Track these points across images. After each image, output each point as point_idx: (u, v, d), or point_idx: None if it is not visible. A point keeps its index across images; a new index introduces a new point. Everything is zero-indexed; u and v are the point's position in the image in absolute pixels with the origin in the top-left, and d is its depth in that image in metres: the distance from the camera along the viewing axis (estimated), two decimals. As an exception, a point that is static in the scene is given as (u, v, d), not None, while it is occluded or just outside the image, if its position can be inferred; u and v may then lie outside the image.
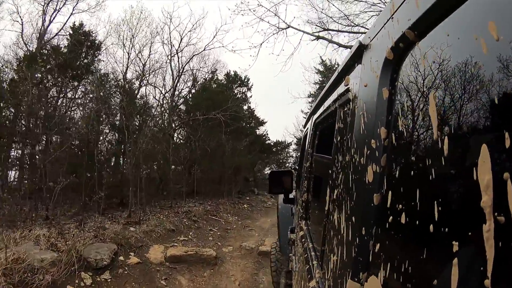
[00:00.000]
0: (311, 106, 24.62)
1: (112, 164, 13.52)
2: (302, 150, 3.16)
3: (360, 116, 0.82)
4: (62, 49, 11.84)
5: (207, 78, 18.62)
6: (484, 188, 0.35)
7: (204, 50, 17.48)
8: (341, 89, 1.13)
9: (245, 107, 22.77)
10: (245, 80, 24.02)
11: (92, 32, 13.03)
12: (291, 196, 3.77)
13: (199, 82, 18.30)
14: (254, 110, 23.98)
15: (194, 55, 16.90)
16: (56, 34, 13.14)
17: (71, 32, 12.59)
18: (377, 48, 0.77)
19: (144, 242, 8.03)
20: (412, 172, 0.56)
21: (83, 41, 12.44)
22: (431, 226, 0.47)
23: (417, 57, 0.58)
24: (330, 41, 11.11)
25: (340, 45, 11.20)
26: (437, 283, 0.45)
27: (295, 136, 25.69)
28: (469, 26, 0.44)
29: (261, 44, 11.37)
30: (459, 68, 0.47)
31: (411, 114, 0.60)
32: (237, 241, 10.02)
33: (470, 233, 0.38)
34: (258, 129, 24.07)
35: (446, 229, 0.44)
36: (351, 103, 0.95)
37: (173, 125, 16.43)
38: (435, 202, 0.47)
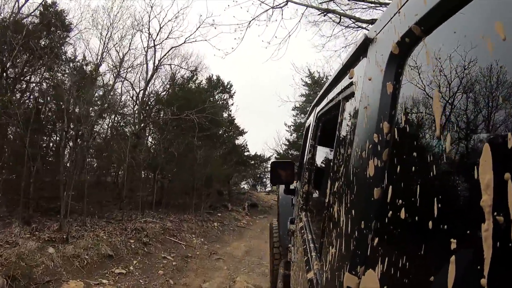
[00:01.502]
0: (294, 120, 22.27)
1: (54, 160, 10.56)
2: (304, 142, 3.03)
3: (364, 109, 0.79)
4: (29, 27, 9.65)
5: (186, 78, 16.47)
6: (485, 187, 0.34)
7: (184, 42, 15.18)
8: (345, 82, 1.10)
9: (225, 115, 20.25)
10: (228, 86, 21.68)
11: (64, 11, 11.31)
12: (292, 187, 3.57)
13: (177, 81, 16.18)
14: (234, 118, 21.28)
15: (173, 47, 14.98)
16: (28, 16, 11.16)
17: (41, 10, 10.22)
18: (382, 42, 0.75)
19: (57, 275, 5.42)
20: (413, 168, 0.55)
21: (53, 21, 10.56)
22: (430, 223, 0.45)
23: (422, 52, 0.56)
24: (344, 15, 8.41)
25: (357, 20, 8.36)
26: (434, 280, 0.44)
27: (276, 151, 24.12)
28: (475, 25, 0.42)
29: (249, 22, 8.80)
30: (464, 66, 0.45)
31: (415, 110, 0.58)
32: (198, 277, 7.21)
33: (468, 232, 0.37)
34: (237, 139, 21.43)
35: (445, 227, 0.43)
36: (355, 96, 0.92)
37: (141, 124, 13.80)
38: (435, 199, 0.45)
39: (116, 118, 13.21)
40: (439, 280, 0.41)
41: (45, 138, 10.36)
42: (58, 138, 9.75)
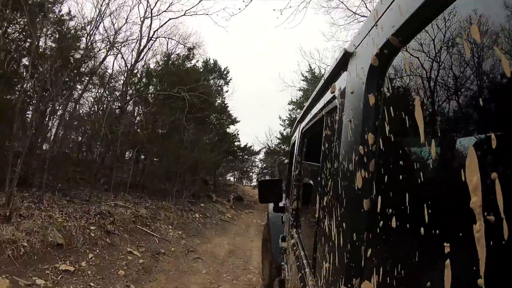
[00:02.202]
0: (289, 114, 21.44)
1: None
2: (291, 158, 3.00)
3: (347, 122, 0.79)
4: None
5: (182, 56, 14.50)
6: (473, 189, 0.35)
7: (184, 15, 13.19)
8: (327, 96, 1.11)
9: (219, 101, 18.86)
10: (224, 72, 20.61)
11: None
12: (281, 204, 3.47)
13: (172, 58, 14.13)
14: (228, 106, 20.04)
15: (171, 19, 13.08)
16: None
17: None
18: (362, 55, 0.75)
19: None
20: (401, 176, 0.55)
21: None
22: (422, 229, 0.45)
23: (401, 63, 0.57)
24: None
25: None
26: (431, 285, 0.44)
27: (268, 145, 23.30)
28: (452, 31, 0.43)
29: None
30: (443, 72, 0.46)
31: (398, 119, 0.57)
32: (169, 283, 5.47)
33: (461, 234, 0.37)
34: (229, 127, 20.23)
35: (437, 231, 0.42)
36: (338, 110, 0.92)
37: (127, 97, 12.09)
38: (425, 205, 0.45)
39: (104, 93, 12.08)
40: (437, 285, 0.40)
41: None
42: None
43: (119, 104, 11.87)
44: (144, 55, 12.07)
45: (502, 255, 0.31)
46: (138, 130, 10.43)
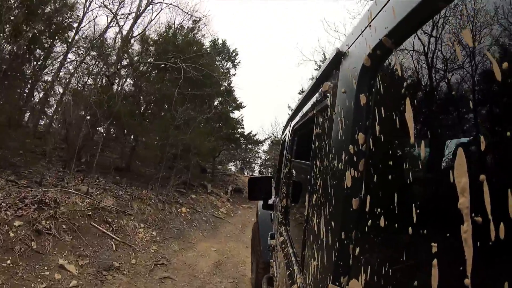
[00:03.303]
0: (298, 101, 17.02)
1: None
2: (281, 156, 3.00)
3: (338, 122, 0.80)
4: None
5: (187, 28, 12.09)
6: (461, 190, 0.36)
7: None
8: (319, 95, 1.10)
9: (225, 84, 15.99)
10: (233, 54, 17.90)
11: None
12: (270, 202, 3.39)
13: (173, 28, 11.51)
14: (234, 90, 17.46)
15: None
16: None
17: None
18: (354, 55, 0.75)
19: None
20: (390, 176, 0.56)
21: None
22: (410, 229, 0.45)
23: (393, 64, 0.58)
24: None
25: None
26: (418, 284, 0.43)
27: (274, 135, 21.16)
28: (444, 34, 0.44)
29: None
30: (434, 75, 0.47)
31: (388, 120, 0.58)
32: None
33: (448, 235, 0.38)
34: (233, 112, 17.52)
35: (425, 231, 0.43)
36: (329, 109, 0.93)
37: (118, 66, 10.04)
38: (413, 205, 0.45)
39: (97, 64, 10.40)
40: (424, 284, 0.41)
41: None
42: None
43: (106, 72, 10.24)
44: (142, 21, 9.58)
45: (489, 256, 0.32)
46: (121, 101, 8.02)
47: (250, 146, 20.09)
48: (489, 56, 0.34)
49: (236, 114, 16.67)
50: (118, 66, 10.45)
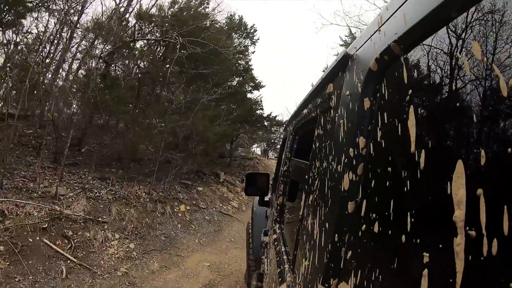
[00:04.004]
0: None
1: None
2: (280, 154, 3.01)
3: (340, 124, 0.81)
4: None
5: (195, 3, 10.44)
6: (457, 202, 0.36)
7: None
8: (323, 96, 1.09)
9: (242, 62, 14.42)
10: (251, 31, 15.78)
11: None
12: (266, 198, 3.48)
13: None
14: (252, 68, 15.51)
15: None
16: None
17: None
18: (362, 58, 0.76)
19: None
20: (387, 182, 0.55)
21: None
22: (403, 237, 0.45)
23: (400, 70, 0.57)
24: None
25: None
26: None
27: None
28: (453, 45, 0.43)
29: None
30: (440, 85, 0.46)
31: (390, 126, 0.58)
32: None
33: (441, 246, 0.38)
34: (252, 93, 15.70)
35: (418, 241, 0.43)
36: (332, 110, 0.94)
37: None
38: (408, 213, 0.45)
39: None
40: None
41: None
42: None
43: (100, 54, 8.60)
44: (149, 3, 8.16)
45: (479, 271, 0.32)
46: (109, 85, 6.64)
47: (274, 127, 18.36)
48: (496, 70, 0.34)
49: (255, 95, 15.71)
50: (114, 46, 8.94)
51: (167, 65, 8.72)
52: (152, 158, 8.52)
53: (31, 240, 4.46)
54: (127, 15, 10.30)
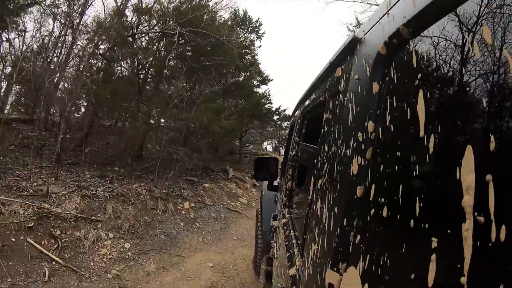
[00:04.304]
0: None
1: None
2: (289, 138, 2.95)
3: (349, 108, 0.79)
4: None
5: None
6: (466, 188, 0.35)
7: None
8: (332, 80, 1.08)
9: (249, 57, 14.13)
10: (257, 25, 15.11)
11: None
12: (275, 183, 3.41)
13: None
14: (259, 62, 15.04)
15: None
16: None
17: None
18: (370, 42, 0.75)
19: None
20: (396, 167, 0.55)
21: None
22: (412, 221, 0.45)
23: (409, 54, 0.56)
24: None
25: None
26: (414, 278, 0.43)
27: None
28: (463, 29, 0.42)
29: None
30: (449, 69, 0.45)
31: (399, 110, 0.57)
32: None
33: (449, 231, 0.38)
34: (259, 87, 15.17)
35: (426, 225, 0.42)
36: (341, 94, 0.93)
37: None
38: (417, 198, 0.45)
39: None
40: (420, 278, 0.41)
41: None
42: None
43: (100, 52, 8.48)
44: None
45: (487, 256, 0.32)
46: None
47: (285, 123, 17.80)
48: (507, 56, 0.34)
49: (262, 89, 15.72)
50: (113, 42, 8.61)
51: (168, 58, 8.36)
52: (154, 154, 8.17)
53: (14, 239, 4.18)
54: (126, 11, 10.03)
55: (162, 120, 8.32)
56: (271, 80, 16.22)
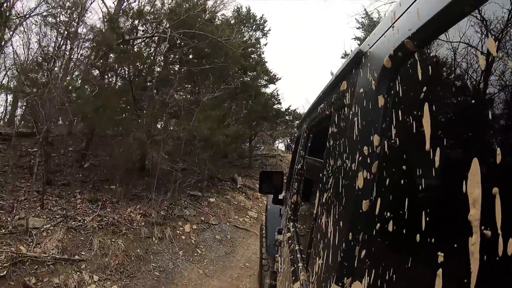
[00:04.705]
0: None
1: None
2: (294, 152, 3.08)
3: (354, 122, 0.81)
4: None
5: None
6: (473, 201, 0.35)
7: None
8: (337, 93, 1.11)
9: (255, 56, 13.43)
10: (261, 22, 14.31)
11: None
12: (280, 197, 3.41)
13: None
14: (266, 61, 14.02)
15: None
16: None
17: None
18: (375, 55, 0.76)
19: None
20: (402, 181, 0.55)
21: None
22: (418, 236, 0.45)
23: (414, 67, 0.56)
24: None
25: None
26: None
27: None
28: (468, 41, 0.42)
29: None
30: (455, 81, 0.46)
31: (405, 124, 0.57)
32: None
33: (456, 245, 0.38)
34: (267, 87, 14.37)
35: (433, 240, 0.42)
36: (346, 108, 0.95)
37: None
38: (423, 212, 0.45)
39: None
40: None
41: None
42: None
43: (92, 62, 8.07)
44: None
45: (494, 271, 0.32)
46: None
47: (296, 122, 16.94)
48: None
49: (270, 89, 14.72)
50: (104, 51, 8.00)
51: (165, 64, 7.68)
52: (150, 172, 7.52)
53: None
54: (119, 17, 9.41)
55: (155, 132, 7.74)
56: (279, 79, 15.84)
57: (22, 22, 9.30)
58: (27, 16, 9.51)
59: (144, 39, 9.29)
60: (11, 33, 8.76)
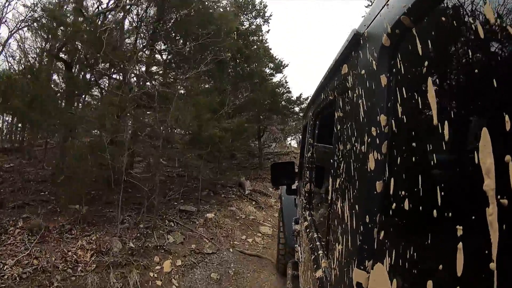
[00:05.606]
0: None
1: None
2: (303, 141, 3.02)
3: (359, 104, 0.82)
4: None
5: None
6: (486, 171, 0.36)
7: None
8: (339, 77, 1.13)
9: (257, 43, 11.93)
10: (261, 8, 12.88)
11: None
12: (293, 187, 3.49)
13: None
14: (270, 48, 12.63)
15: None
16: None
17: None
18: (373, 35, 0.77)
19: None
20: (413, 158, 0.56)
21: None
22: (435, 211, 0.45)
23: (413, 42, 0.56)
24: None
25: None
26: (443, 268, 0.44)
27: None
28: (465, 10, 0.43)
29: None
30: (456, 53, 0.46)
31: (410, 100, 0.57)
32: None
33: (473, 217, 0.38)
34: (274, 75, 12.41)
35: (450, 214, 0.43)
36: (349, 91, 0.96)
37: None
38: (438, 187, 0.45)
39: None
40: (448, 268, 0.41)
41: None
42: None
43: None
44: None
45: None
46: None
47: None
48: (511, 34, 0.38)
49: (277, 78, 13.16)
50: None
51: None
52: (125, 181, 5.50)
53: None
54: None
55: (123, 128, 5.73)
56: (286, 66, 14.16)
57: None
58: None
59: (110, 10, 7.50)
60: None
